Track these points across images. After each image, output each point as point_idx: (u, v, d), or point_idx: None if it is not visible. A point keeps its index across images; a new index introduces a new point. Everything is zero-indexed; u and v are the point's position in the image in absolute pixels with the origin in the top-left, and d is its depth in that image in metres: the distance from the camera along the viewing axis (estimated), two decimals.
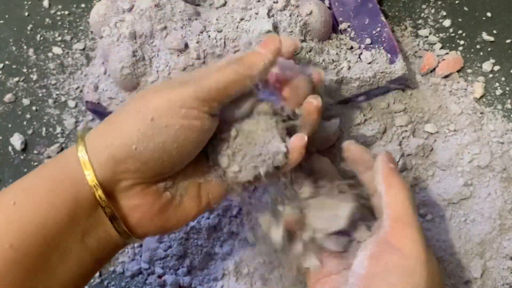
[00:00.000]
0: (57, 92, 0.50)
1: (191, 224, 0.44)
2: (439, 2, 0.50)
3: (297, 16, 0.42)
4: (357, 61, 0.43)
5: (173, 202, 0.32)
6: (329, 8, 0.45)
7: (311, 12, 0.42)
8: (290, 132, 0.34)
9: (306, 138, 0.33)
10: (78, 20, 0.53)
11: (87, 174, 0.29)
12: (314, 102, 0.33)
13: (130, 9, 0.42)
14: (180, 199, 0.32)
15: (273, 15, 0.41)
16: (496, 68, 0.47)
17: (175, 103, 0.29)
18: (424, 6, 0.50)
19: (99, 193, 0.29)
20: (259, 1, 0.42)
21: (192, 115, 0.29)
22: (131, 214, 0.31)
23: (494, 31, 0.48)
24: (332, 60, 0.43)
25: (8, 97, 0.50)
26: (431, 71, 0.47)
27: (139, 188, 0.30)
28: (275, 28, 0.41)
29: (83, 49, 0.52)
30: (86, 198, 0.29)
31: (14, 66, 0.52)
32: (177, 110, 0.29)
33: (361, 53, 0.44)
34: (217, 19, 0.42)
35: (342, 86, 0.43)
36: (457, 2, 0.49)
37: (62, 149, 0.49)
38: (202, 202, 0.33)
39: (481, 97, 0.46)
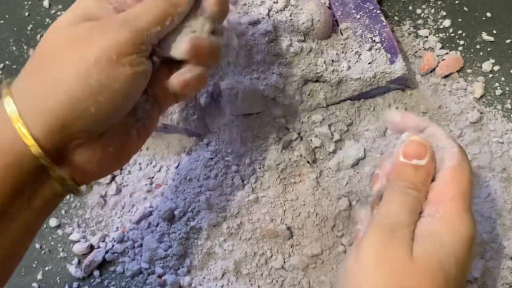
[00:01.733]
0: None
1: (191, 224, 0.44)
2: (439, 2, 0.50)
3: (297, 16, 0.42)
4: (357, 61, 0.43)
5: (118, 148, 0.32)
6: (329, 8, 0.45)
7: (311, 12, 0.42)
8: None
9: None
10: None
11: (30, 145, 0.27)
12: None
13: None
14: (122, 142, 0.32)
15: (272, 16, 0.41)
16: (496, 68, 0.47)
17: (115, 53, 0.28)
18: (424, 6, 0.50)
19: (47, 161, 0.28)
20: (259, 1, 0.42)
21: (134, 62, 0.29)
22: (80, 168, 0.30)
23: (494, 31, 0.48)
24: (332, 60, 0.43)
25: None
26: (431, 71, 0.47)
27: (87, 145, 0.30)
28: (275, 28, 0.41)
29: None
30: (31, 165, 0.28)
31: (14, 66, 0.52)
32: (119, 60, 0.28)
33: (361, 53, 0.44)
34: None
35: (342, 86, 0.43)
36: (457, 2, 0.49)
37: None
38: (141, 138, 0.34)
39: (481, 97, 0.46)
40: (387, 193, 0.31)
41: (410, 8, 0.50)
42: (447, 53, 0.48)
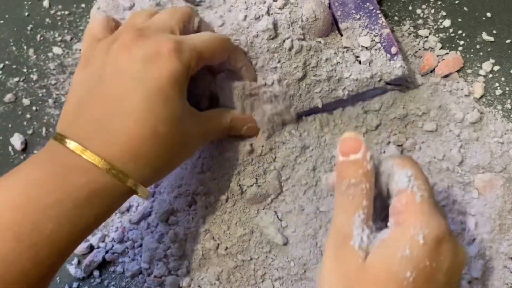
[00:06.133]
0: (57, 92, 0.50)
1: (189, 225, 0.44)
2: (439, 2, 0.50)
3: (297, 14, 0.42)
4: (356, 61, 0.43)
5: None
6: (329, 7, 0.45)
7: (310, 11, 0.42)
8: None
9: None
10: (78, 20, 0.53)
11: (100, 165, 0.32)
12: None
13: (130, 7, 0.42)
14: None
15: (272, 14, 0.41)
16: (496, 68, 0.47)
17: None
18: (424, 6, 0.50)
19: (121, 175, 0.32)
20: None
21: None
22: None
23: (494, 31, 0.48)
24: (331, 60, 0.43)
25: (8, 97, 0.50)
26: (431, 71, 0.47)
27: None
28: (275, 26, 0.41)
29: None
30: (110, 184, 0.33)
31: (14, 66, 0.52)
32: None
33: (360, 53, 0.44)
34: (216, 14, 0.42)
35: (341, 86, 0.43)
36: (457, 2, 0.49)
37: None
38: None
39: (481, 97, 0.46)
40: (335, 199, 0.31)
41: (410, 8, 0.50)
42: (447, 53, 0.48)
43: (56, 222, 0.30)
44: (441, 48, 0.48)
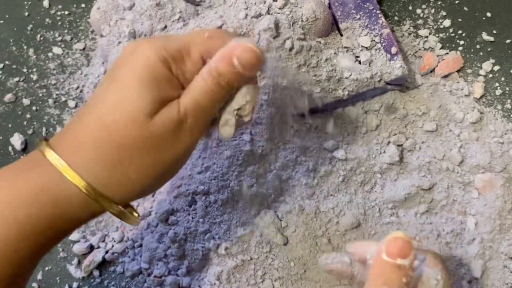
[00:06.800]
0: (57, 92, 0.50)
1: (189, 226, 0.44)
2: (439, 2, 0.50)
3: (297, 14, 0.42)
4: (356, 61, 0.43)
5: None
6: (329, 7, 0.45)
7: (310, 11, 0.42)
8: None
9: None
10: (78, 20, 0.53)
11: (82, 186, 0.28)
12: None
13: (130, 7, 0.42)
14: None
15: (272, 13, 0.41)
16: (496, 68, 0.47)
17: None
18: (424, 6, 0.50)
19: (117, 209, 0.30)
20: None
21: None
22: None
23: (494, 31, 0.48)
24: (331, 60, 0.43)
25: (8, 97, 0.50)
26: (431, 71, 0.47)
27: None
28: (277, 25, 0.40)
29: (83, 49, 0.52)
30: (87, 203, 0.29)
31: (14, 66, 0.52)
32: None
33: (360, 53, 0.44)
34: (216, 14, 0.42)
35: (341, 86, 0.43)
36: (457, 2, 0.50)
37: None
38: None
39: (481, 97, 0.46)
40: None
41: (410, 8, 0.50)
42: (447, 53, 0.48)
43: (1, 221, 0.27)
44: (441, 48, 0.48)
